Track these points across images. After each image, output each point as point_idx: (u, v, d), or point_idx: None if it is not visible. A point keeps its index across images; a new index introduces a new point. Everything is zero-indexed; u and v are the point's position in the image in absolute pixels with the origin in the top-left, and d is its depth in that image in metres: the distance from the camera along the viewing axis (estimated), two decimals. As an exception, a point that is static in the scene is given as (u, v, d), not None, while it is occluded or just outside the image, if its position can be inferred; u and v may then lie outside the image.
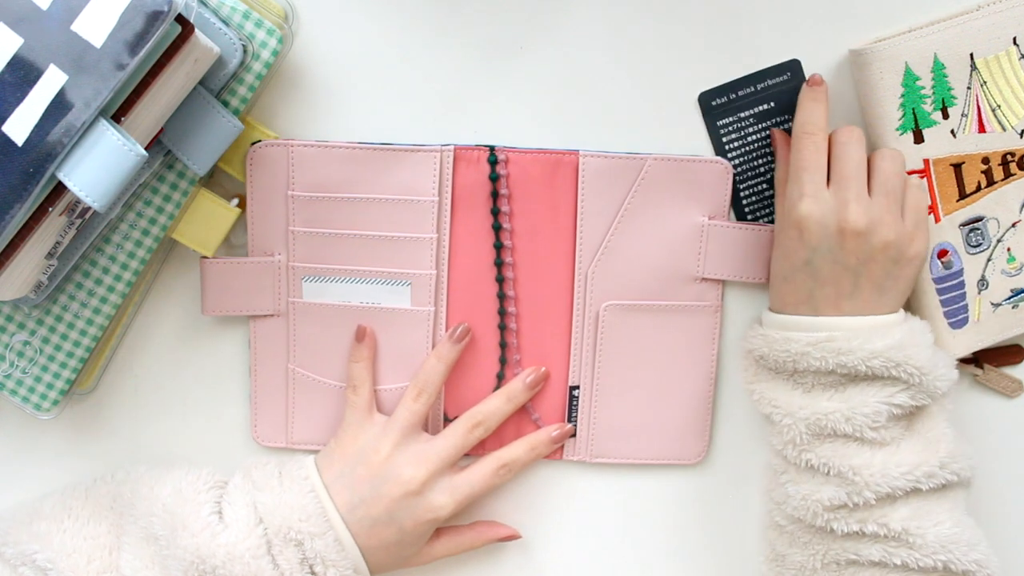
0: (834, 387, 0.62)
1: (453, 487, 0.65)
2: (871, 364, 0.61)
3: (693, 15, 0.67)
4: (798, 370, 0.63)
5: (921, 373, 0.61)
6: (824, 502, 0.61)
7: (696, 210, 0.68)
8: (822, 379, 0.62)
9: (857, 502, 0.61)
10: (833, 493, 0.61)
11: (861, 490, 0.60)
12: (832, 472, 0.61)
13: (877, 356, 0.61)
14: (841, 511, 0.61)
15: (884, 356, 0.61)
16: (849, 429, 0.61)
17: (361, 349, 0.67)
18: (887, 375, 0.61)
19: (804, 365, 0.62)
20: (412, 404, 0.66)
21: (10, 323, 0.65)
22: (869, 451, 0.61)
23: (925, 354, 0.62)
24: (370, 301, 0.68)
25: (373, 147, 0.66)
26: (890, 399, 0.61)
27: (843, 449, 0.61)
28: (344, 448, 0.66)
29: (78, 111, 0.54)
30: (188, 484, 0.65)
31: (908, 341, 0.61)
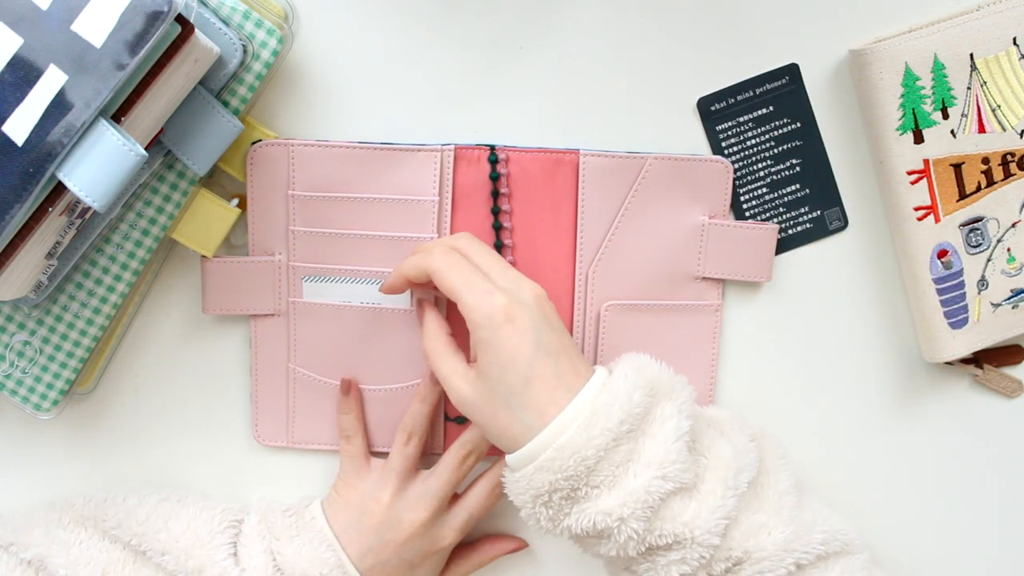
0: (629, 461, 0.57)
1: (454, 518, 0.67)
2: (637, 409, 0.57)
3: (692, 19, 0.67)
4: (591, 471, 0.56)
5: (672, 387, 0.58)
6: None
7: (696, 209, 0.68)
8: (615, 460, 0.56)
9: (706, 556, 0.57)
10: (682, 568, 0.57)
11: (707, 541, 0.57)
12: (673, 542, 0.57)
13: (639, 403, 0.57)
14: (693, 573, 0.58)
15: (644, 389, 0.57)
16: (671, 486, 0.56)
17: (348, 401, 0.69)
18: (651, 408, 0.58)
19: (594, 457, 0.56)
20: (404, 449, 0.67)
21: (10, 323, 0.65)
22: (689, 500, 0.57)
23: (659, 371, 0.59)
24: (371, 301, 0.68)
25: (373, 147, 0.66)
26: (678, 432, 0.57)
27: (670, 512, 0.57)
28: (346, 497, 0.68)
29: (78, 111, 0.54)
30: (203, 523, 0.66)
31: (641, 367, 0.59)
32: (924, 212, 0.67)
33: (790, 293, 0.70)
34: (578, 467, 0.56)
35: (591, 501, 0.57)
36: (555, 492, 0.57)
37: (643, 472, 0.56)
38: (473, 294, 0.58)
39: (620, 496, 0.56)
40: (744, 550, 0.58)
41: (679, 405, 0.58)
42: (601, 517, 0.56)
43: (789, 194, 0.69)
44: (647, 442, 0.57)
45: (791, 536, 0.59)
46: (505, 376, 0.57)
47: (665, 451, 0.57)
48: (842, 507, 0.72)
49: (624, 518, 0.56)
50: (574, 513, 0.57)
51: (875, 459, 0.72)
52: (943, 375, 0.72)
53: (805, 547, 0.59)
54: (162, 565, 0.64)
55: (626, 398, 0.57)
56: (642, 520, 0.56)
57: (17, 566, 0.64)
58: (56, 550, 0.64)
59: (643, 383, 0.58)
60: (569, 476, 0.56)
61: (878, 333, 0.71)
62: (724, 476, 0.58)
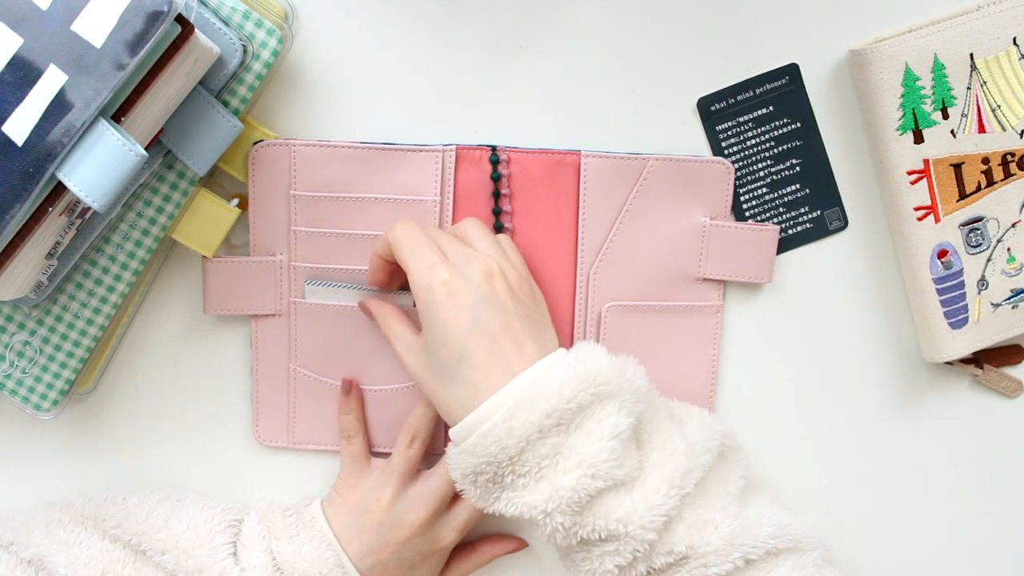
0: (558, 455, 0.55)
1: (454, 519, 0.67)
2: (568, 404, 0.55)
3: (692, 19, 0.67)
4: (514, 460, 0.56)
5: (616, 383, 0.56)
6: (612, 571, 0.57)
7: (697, 210, 0.68)
8: (540, 452, 0.55)
9: (642, 550, 0.56)
10: (617, 560, 0.56)
11: (641, 537, 0.56)
12: (606, 536, 0.56)
13: (572, 399, 0.55)
14: (631, 565, 0.57)
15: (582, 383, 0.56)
16: (601, 484, 0.55)
17: (349, 402, 0.69)
18: (588, 404, 0.56)
19: (516, 448, 0.55)
20: (406, 451, 0.67)
21: (10, 323, 0.65)
22: (625, 495, 0.56)
23: (605, 365, 0.57)
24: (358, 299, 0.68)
25: (375, 147, 0.66)
26: (614, 430, 0.55)
27: (603, 508, 0.56)
28: (347, 497, 0.68)
29: (78, 111, 0.54)
30: (203, 522, 0.66)
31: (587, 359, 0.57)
32: (924, 212, 0.67)
33: (790, 293, 0.70)
34: (499, 455, 0.55)
35: (518, 491, 0.56)
36: (480, 475, 0.57)
37: (573, 469, 0.55)
38: (418, 264, 0.59)
39: (547, 490, 0.55)
40: (688, 545, 0.57)
41: (620, 402, 0.56)
42: (527, 509, 0.56)
43: (789, 194, 0.69)
44: (581, 437, 0.55)
45: (737, 530, 0.58)
46: (440, 351, 0.58)
47: (598, 448, 0.55)
48: (842, 506, 0.72)
49: (549, 512, 0.55)
50: (503, 499, 0.57)
51: (875, 459, 0.72)
52: (943, 375, 0.72)
53: (753, 541, 0.58)
54: (162, 565, 0.64)
55: (556, 392, 0.55)
56: (569, 515, 0.55)
57: (17, 566, 0.64)
58: (56, 550, 0.64)
59: (583, 375, 0.56)
60: (491, 462, 0.56)
61: (878, 333, 0.71)
62: (671, 475, 0.57)
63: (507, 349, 0.57)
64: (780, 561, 0.59)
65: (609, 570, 0.57)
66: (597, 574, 0.57)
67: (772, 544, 0.59)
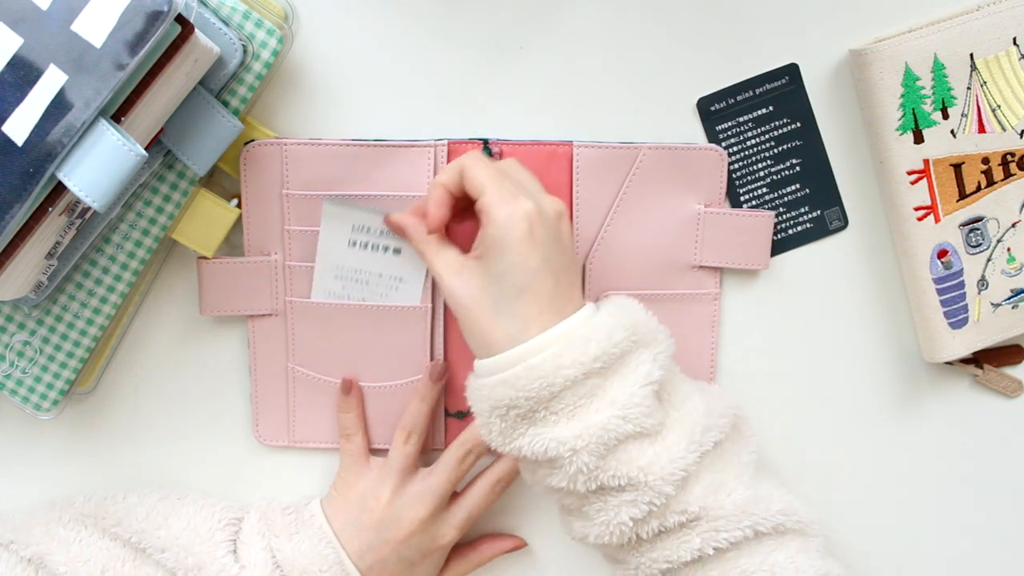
0: (593, 396, 0.56)
1: (453, 516, 0.67)
2: (614, 349, 0.56)
3: (692, 19, 0.67)
4: (554, 397, 0.56)
5: (652, 333, 0.58)
6: (627, 523, 0.57)
7: (692, 198, 0.68)
8: (579, 392, 0.56)
9: (659, 503, 0.56)
10: (632, 511, 0.57)
11: (660, 488, 0.56)
12: (626, 483, 0.56)
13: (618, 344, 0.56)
14: (645, 520, 0.58)
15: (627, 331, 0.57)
16: (630, 428, 0.56)
17: (349, 401, 0.69)
18: (628, 352, 0.57)
19: (560, 385, 0.56)
20: (403, 447, 0.67)
21: (10, 323, 0.65)
22: (648, 445, 0.57)
23: (643, 316, 0.59)
24: (369, 300, 0.68)
25: (367, 144, 0.66)
26: (648, 378, 0.57)
27: (627, 454, 0.56)
28: (346, 495, 0.68)
29: (78, 111, 0.54)
30: (203, 520, 0.66)
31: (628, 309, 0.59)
32: (924, 212, 0.67)
33: (790, 293, 0.70)
34: (541, 391, 0.56)
35: (547, 426, 0.57)
36: (513, 409, 0.57)
37: (605, 409, 0.56)
38: (499, 191, 0.58)
39: (577, 427, 0.56)
40: (702, 506, 0.57)
41: (655, 354, 0.58)
42: (554, 444, 0.56)
43: (789, 194, 0.69)
44: (616, 381, 0.57)
45: (750, 499, 0.58)
46: (504, 279, 0.57)
47: (630, 393, 0.56)
48: (842, 506, 0.72)
49: (577, 449, 0.56)
50: (528, 434, 0.57)
51: (875, 459, 0.72)
52: (943, 375, 0.72)
53: (764, 513, 0.58)
54: (162, 562, 0.64)
55: (606, 336, 0.56)
56: (595, 455, 0.56)
57: (17, 564, 0.64)
58: (56, 548, 0.64)
59: (626, 324, 0.57)
60: (531, 397, 0.56)
61: (878, 333, 0.71)
62: (691, 431, 0.58)
63: (563, 291, 0.58)
64: (786, 541, 0.59)
65: (624, 521, 0.57)
66: (611, 525, 0.57)
67: (781, 520, 0.59)
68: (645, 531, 0.58)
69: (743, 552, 0.58)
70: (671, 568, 0.59)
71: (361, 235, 0.66)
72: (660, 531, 0.58)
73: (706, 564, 0.58)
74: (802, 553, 0.59)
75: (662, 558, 0.58)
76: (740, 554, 0.58)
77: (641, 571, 0.59)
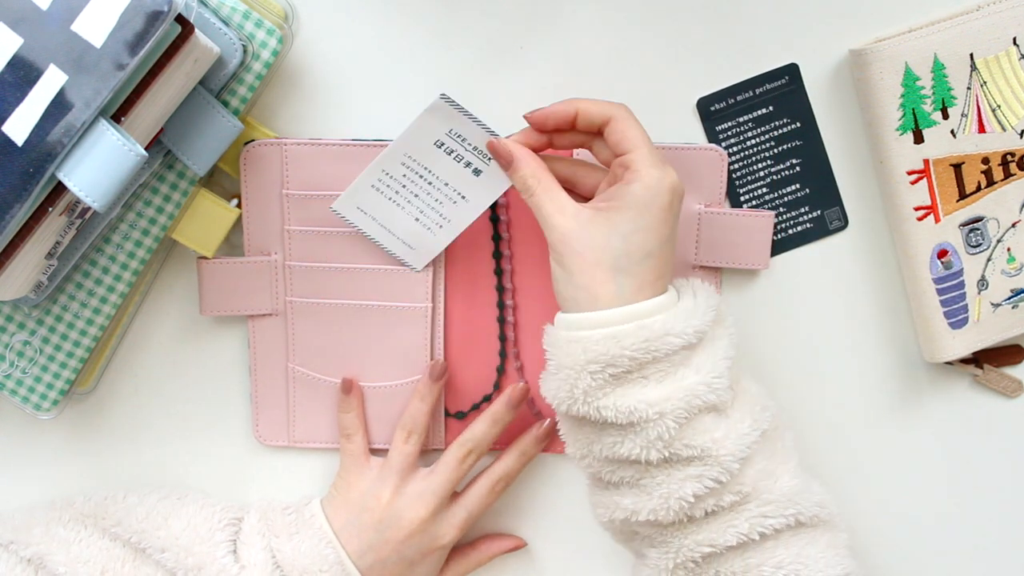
0: (682, 364, 0.58)
1: (454, 516, 0.67)
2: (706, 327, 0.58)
3: (692, 19, 0.67)
4: (652, 361, 0.57)
5: (724, 313, 0.61)
6: (688, 498, 0.57)
7: (692, 198, 0.67)
8: (673, 360, 0.57)
9: (724, 480, 0.57)
10: (696, 487, 0.57)
11: (727, 464, 0.57)
12: (696, 455, 0.57)
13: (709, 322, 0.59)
14: (703, 497, 0.57)
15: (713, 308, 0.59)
16: (713, 398, 0.57)
17: (350, 400, 0.69)
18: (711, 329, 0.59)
19: (663, 352, 0.57)
20: (403, 447, 0.67)
21: (10, 323, 0.65)
22: (722, 420, 0.58)
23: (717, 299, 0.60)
24: (369, 299, 0.68)
25: (366, 144, 0.66)
26: (726, 352, 0.59)
27: (702, 425, 0.57)
28: (346, 495, 0.68)
29: (78, 111, 0.54)
30: (203, 520, 0.66)
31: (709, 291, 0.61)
32: (924, 212, 0.67)
33: (790, 293, 0.70)
34: (645, 354, 0.56)
35: (636, 387, 0.57)
36: (611, 366, 0.56)
37: (691, 376, 0.57)
38: (652, 153, 0.58)
39: (666, 391, 0.56)
40: (754, 488, 0.58)
41: (729, 332, 0.60)
42: (643, 406, 0.56)
43: (789, 194, 0.69)
44: (700, 353, 0.58)
45: (796, 488, 0.59)
46: (633, 239, 0.57)
47: (713, 363, 0.58)
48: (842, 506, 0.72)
49: (664, 413, 0.56)
50: (616, 394, 0.57)
51: (875, 459, 0.72)
52: (943, 375, 0.72)
53: (806, 502, 0.59)
54: (162, 562, 0.65)
55: (703, 312, 0.58)
56: (677, 421, 0.56)
57: (17, 564, 0.64)
58: (56, 548, 0.64)
59: (713, 304, 0.59)
60: (634, 358, 0.56)
61: (878, 333, 0.71)
62: (752, 409, 0.59)
63: (671, 266, 0.60)
64: (819, 534, 0.60)
65: (686, 495, 0.57)
66: (671, 499, 0.57)
67: (817, 511, 0.59)
68: (700, 509, 0.58)
69: (781, 542, 0.59)
70: (713, 552, 0.58)
71: (453, 141, 0.63)
72: (713, 511, 0.58)
73: (747, 551, 0.58)
74: (831, 548, 0.59)
75: (707, 541, 0.58)
76: (779, 544, 0.58)
77: (682, 554, 0.59)
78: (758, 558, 0.58)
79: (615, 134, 0.59)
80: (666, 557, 0.59)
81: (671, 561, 0.59)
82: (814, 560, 0.58)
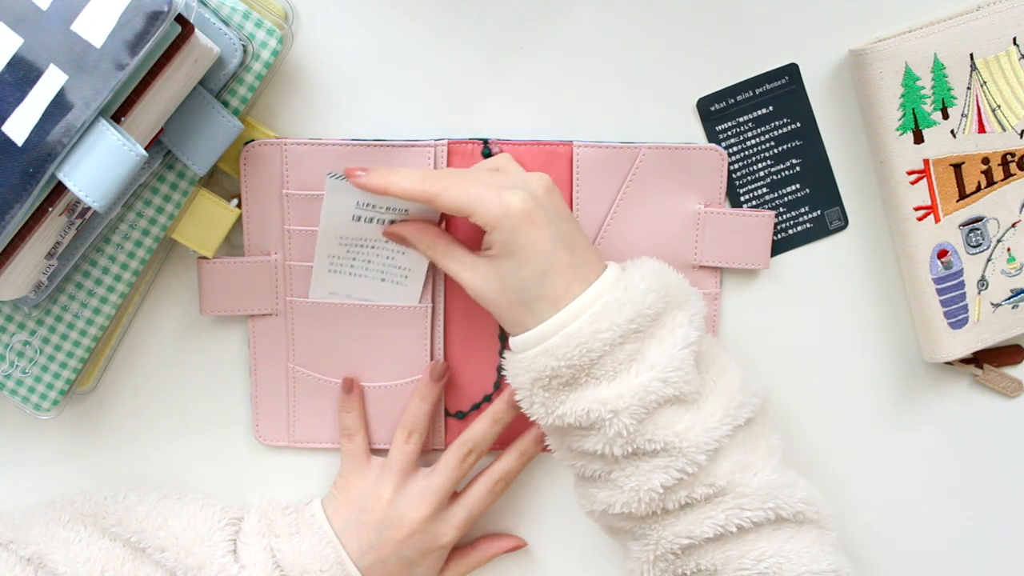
0: (633, 360, 0.58)
1: (454, 516, 0.67)
2: (648, 311, 0.57)
3: (692, 19, 0.67)
4: (594, 363, 0.57)
5: (685, 294, 0.59)
6: (657, 489, 0.58)
7: (691, 198, 0.68)
8: (618, 357, 0.57)
9: (691, 471, 0.57)
10: (663, 478, 0.57)
11: (693, 456, 0.57)
12: (660, 448, 0.57)
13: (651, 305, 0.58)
14: (673, 489, 0.58)
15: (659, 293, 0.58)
16: (670, 391, 0.57)
17: (351, 400, 0.69)
18: (662, 313, 0.58)
19: (599, 349, 0.57)
20: (404, 446, 0.68)
21: (10, 323, 0.65)
22: (685, 412, 0.58)
23: (675, 278, 0.60)
24: (367, 298, 0.68)
25: (366, 144, 0.66)
26: (685, 340, 0.58)
27: (664, 419, 0.57)
28: (347, 495, 0.68)
29: (78, 111, 0.54)
30: (203, 521, 0.66)
31: (659, 271, 0.59)
32: (924, 212, 0.67)
33: (790, 293, 0.70)
34: (582, 357, 0.57)
35: (589, 389, 0.57)
36: (555, 378, 0.58)
37: (645, 372, 0.57)
38: (483, 201, 0.58)
39: (618, 389, 0.57)
40: (729, 481, 0.58)
41: (690, 315, 0.59)
42: (596, 406, 0.57)
43: (789, 194, 0.69)
44: (654, 345, 0.58)
45: (776, 482, 0.59)
46: (521, 271, 0.58)
47: (670, 356, 0.57)
48: (841, 506, 0.72)
49: (618, 411, 0.57)
50: (570, 400, 0.58)
51: (875, 459, 0.72)
52: (943, 375, 0.72)
53: (788, 498, 0.59)
54: (161, 562, 0.65)
55: (640, 297, 0.58)
56: (635, 418, 0.57)
57: (16, 563, 0.64)
58: (55, 548, 0.64)
59: (658, 287, 0.58)
60: (572, 364, 0.57)
61: (878, 333, 0.71)
62: (727, 403, 0.59)
63: (582, 259, 0.59)
64: (804, 531, 0.60)
65: (654, 487, 0.58)
66: (641, 492, 0.58)
67: (802, 508, 0.59)
68: (672, 501, 0.58)
69: (762, 536, 0.59)
70: (692, 544, 0.59)
71: (365, 211, 0.65)
72: (687, 503, 0.58)
73: (726, 543, 0.59)
74: (817, 544, 0.59)
75: (684, 532, 0.59)
76: (759, 537, 0.59)
77: (661, 546, 0.59)
78: (738, 550, 0.58)
79: (445, 209, 0.60)
80: (646, 549, 0.60)
81: (651, 553, 0.60)
82: (797, 555, 0.58)
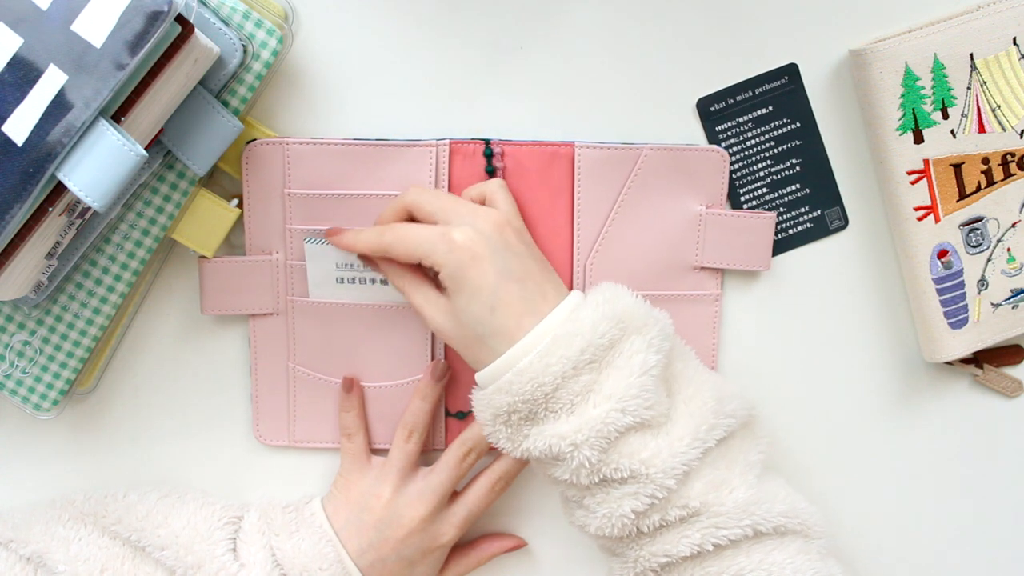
0: (590, 391, 0.58)
1: (453, 515, 0.67)
2: (601, 340, 0.57)
3: (692, 19, 0.67)
4: (549, 396, 0.57)
5: (642, 319, 0.59)
6: (628, 515, 0.58)
7: (693, 199, 0.68)
8: (574, 389, 0.57)
9: (661, 496, 0.57)
10: (634, 504, 0.58)
11: (661, 481, 0.57)
12: (628, 476, 0.57)
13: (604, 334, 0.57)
14: (646, 513, 0.58)
15: (612, 321, 0.57)
16: (630, 420, 0.57)
17: (351, 399, 0.69)
18: (618, 340, 0.58)
19: (552, 384, 0.57)
20: (404, 445, 0.68)
21: (10, 323, 0.65)
22: (652, 437, 0.58)
23: (631, 303, 0.59)
24: (368, 298, 0.68)
25: (368, 143, 0.66)
26: (644, 367, 0.57)
27: (628, 447, 0.57)
28: (347, 494, 0.68)
29: (78, 111, 0.54)
30: (203, 519, 0.66)
31: (613, 298, 0.59)
32: (924, 212, 0.67)
33: (790, 293, 0.70)
34: (535, 392, 0.57)
35: (548, 424, 0.58)
36: (514, 413, 0.58)
37: (602, 403, 0.57)
38: (429, 244, 0.59)
39: (576, 422, 0.57)
40: (703, 502, 0.58)
41: (649, 340, 0.59)
42: (556, 440, 0.57)
43: (789, 194, 0.69)
44: (611, 374, 0.58)
45: (752, 498, 0.59)
46: (471, 307, 0.59)
47: (627, 385, 0.57)
48: (841, 506, 0.72)
49: (578, 444, 0.57)
50: (532, 435, 0.58)
51: (875, 459, 0.72)
52: (943, 375, 0.72)
53: (765, 513, 0.59)
54: (161, 561, 0.65)
55: (590, 328, 0.57)
56: (596, 449, 0.57)
57: (16, 563, 0.64)
58: (55, 546, 0.64)
59: (612, 314, 0.58)
60: (527, 400, 0.57)
61: (878, 333, 0.71)
62: (696, 427, 0.59)
63: (534, 292, 0.59)
64: (787, 542, 0.60)
65: (625, 514, 0.58)
66: (613, 517, 0.58)
67: (782, 522, 0.59)
68: (646, 524, 0.58)
69: (741, 551, 0.59)
70: (669, 562, 0.59)
71: (346, 272, 0.67)
72: (661, 525, 0.59)
73: (704, 560, 0.59)
74: (802, 554, 0.59)
75: (661, 552, 0.59)
76: (739, 552, 0.59)
77: (640, 564, 0.60)
78: (717, 566, 0.59)
79: (400, 259, 0.61)
80: (625, 567, 0.61)
81: (631, 571, 0.61)
82: (780, 567, 0.58)
